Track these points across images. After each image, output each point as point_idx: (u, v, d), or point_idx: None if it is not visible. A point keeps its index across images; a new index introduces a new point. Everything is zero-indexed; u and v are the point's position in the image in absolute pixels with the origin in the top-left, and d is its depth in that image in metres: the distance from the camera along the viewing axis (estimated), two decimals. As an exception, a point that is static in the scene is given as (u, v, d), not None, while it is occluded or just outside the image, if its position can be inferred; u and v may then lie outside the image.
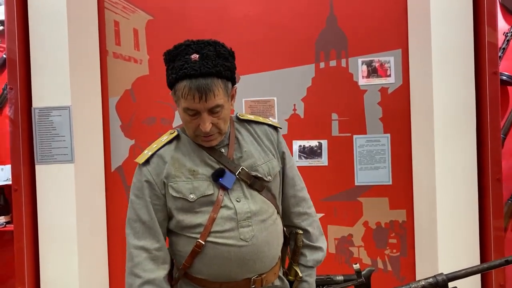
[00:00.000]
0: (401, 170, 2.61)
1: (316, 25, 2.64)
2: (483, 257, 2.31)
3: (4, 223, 2.74)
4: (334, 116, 2.64)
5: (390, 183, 2.62)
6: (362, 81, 2.62)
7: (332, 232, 2.65)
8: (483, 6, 2.24)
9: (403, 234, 2.63)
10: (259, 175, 1.33)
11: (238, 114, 1.45)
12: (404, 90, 2.60)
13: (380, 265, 2.63)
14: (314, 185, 2.62)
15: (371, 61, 2.62)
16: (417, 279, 2.56)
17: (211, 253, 1.26)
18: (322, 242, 1.52)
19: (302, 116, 2.66)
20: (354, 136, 2.63)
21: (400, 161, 2.61)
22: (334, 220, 2.65)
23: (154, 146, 1.35)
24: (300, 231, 1.46)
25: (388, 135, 2.61)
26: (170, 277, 1.37)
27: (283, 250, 1.45)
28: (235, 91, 1.35)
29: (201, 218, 1.27)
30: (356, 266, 1.58)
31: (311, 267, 1.48)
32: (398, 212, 2.62)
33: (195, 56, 1.21)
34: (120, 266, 2.74)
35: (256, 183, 1.33)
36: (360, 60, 2.62)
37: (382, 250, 2.64)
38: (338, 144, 2.64)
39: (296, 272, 1.45)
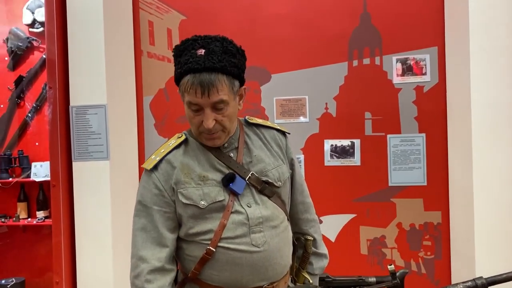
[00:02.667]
0: (437, 170, 2.54)
1: (349, 22, 2.61)
2: (524, 261, 2.22)
3: (43, 218, 2.84)
4: (368, 115, 2.60)
5: (425, 184, 2.55)
6: (396, 79, 2.57)
7: (364, 233, 2.61)
8: (525, 0, 2.16)
9: (438, 236, 2.56)
10: (269, 180, 1.29)
11: (246, 118, 1.40)
12: (440, 88, 2.53)
13: (414, 268, 2.57)
14: (346, 185, 2.60)
15: (406, 59, 2.56)
16: (452, 282, 2.50)
17: (223, 258, 1.22)
18: (324, 249, 1.51)
19: (334, 115, 2.63)
20: (388, 136, 2.58)
21: (435, 161, 2.54)
22: (366, 221, 2.60)
23: (162, 150, 1.30)
24: (310, 238, 1.43)
25: (423, 134, 2.55)
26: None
27: (292, 258, 1.40)
28: (244, 92, 1.29)
29: (211, 224, 1.22)
30: (391, 267, 1.54)
31: (317, 275, 1.46)
32: (433, 213, 2.56)
33: (200, 51, 1.16)
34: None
35: (266, 188, 1.29)
36: (394, 58, 2.57)
37: (416, 252, 2.58)
38: (371, 143, 2.59)
39: (305, 278, 1.42)
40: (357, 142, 2.61)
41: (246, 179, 1.26)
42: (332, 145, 2.63)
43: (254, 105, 2.69)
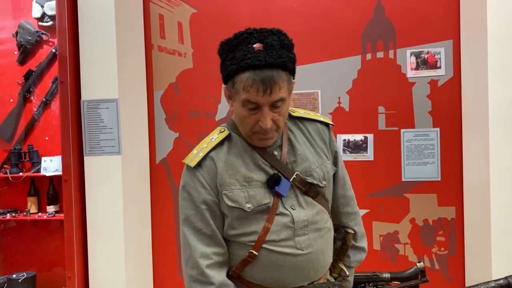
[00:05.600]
0: (451, 165, 2.51)
1: (363, 15, 2.57)
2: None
3: (54, 212, 2.83)
4: (381, 109, 2.57)
5: (439, 179, 2.52)
6: (410, 73, 2.53)
7: (377, 228, 2.59)
8: (545, -8, 2.11)
9: (451, 232, 2.53)
10: (314, 182, 1.25)
11: (289, 110, 1.30)
12: (455, 82, 2.49)
13: (427, 264, 2.55)
14: (359, 180, 2.57)
15: (420, 52, 2.52)
16: (466, 278, 2.48)
17: (266, 260, 1.20)
18: (364, 242, 1.47)
19: (347, 109, 2.60)
20: (402, 130, 2.55)
21: (449, 156, 2.51)
22: (379, 217, 2.58)
23: (205, 146, 1.24)
24: (351, 231, 1.40)
25: (438, 129, 2.51)
26: None
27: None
28: (293, 86, 1.22)
29: (256, 226, 1.20)
30: (420, 265, 1.52)
31: (352, 267, 1.45)
32: (447, 209, 2.53)
33: (258, 46, 1.10)
34: (164, 255, 2.78)
35: (311, 190, 1.25)
36: (408, 51, 2.53)
37: (429, 248, 2.56)
38: (384, 138, 2.56)
39: (341, 270, 1.41)
40: (370, 136, 2.58)
41: (291, 180, 1.22)
42: (345, 140, 2.60)
43: (266, 99, 2.66)
